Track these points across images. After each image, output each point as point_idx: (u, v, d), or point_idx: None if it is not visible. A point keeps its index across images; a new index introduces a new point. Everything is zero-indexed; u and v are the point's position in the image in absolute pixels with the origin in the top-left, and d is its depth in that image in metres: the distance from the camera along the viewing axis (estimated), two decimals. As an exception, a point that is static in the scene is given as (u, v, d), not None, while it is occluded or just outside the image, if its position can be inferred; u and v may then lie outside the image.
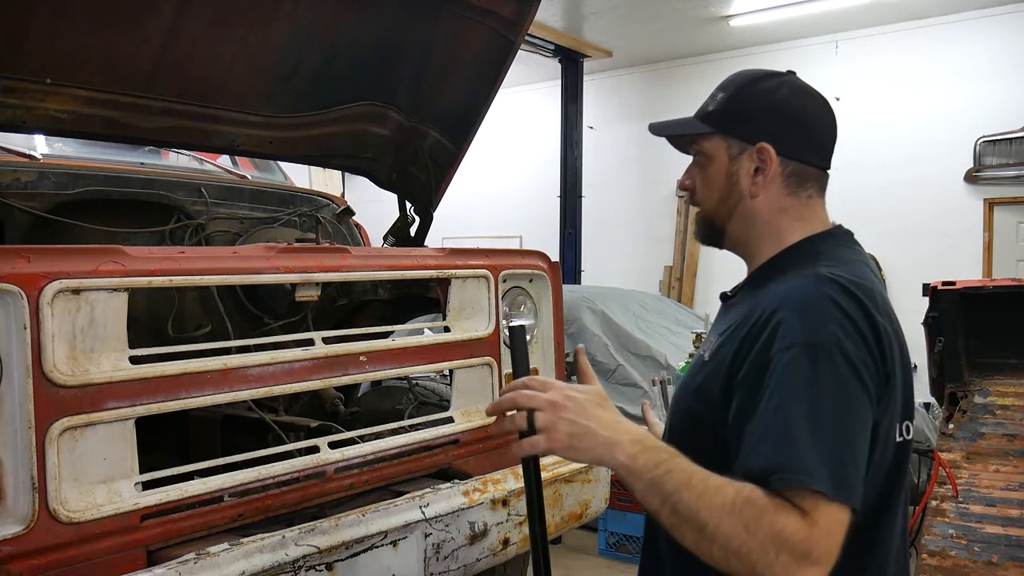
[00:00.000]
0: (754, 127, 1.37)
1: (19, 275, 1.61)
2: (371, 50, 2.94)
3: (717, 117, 1.40)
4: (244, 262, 2.07)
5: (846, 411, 1.13)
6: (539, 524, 1.68)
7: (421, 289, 2.79)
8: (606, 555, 4.92)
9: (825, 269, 1.25)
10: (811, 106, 1.39)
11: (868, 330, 1.18)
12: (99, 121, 2.57)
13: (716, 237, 1.46)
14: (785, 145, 1.35)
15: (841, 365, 1.14)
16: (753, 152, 1.36)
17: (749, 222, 1.39)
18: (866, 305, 1.20)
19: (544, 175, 10.85)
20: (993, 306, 4.16)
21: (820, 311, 1.17)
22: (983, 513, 3.48)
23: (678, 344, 5.66)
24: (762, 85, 1.39)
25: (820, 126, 1.40)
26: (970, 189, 8.68)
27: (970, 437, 4.09)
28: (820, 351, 1.14)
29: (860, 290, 1.22)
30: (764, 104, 1.38)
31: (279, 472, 2.07)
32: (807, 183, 1.38)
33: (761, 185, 1.36)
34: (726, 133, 1.39)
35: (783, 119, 1.37)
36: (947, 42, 8.77)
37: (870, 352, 1.17)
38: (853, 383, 1.14)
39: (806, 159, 1.37)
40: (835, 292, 1.19)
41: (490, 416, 1.36)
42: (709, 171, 1.42)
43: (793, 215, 1.38)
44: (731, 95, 1.40)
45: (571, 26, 9.32)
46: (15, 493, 1.61)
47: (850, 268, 1.27)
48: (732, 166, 1.38)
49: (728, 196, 1.40)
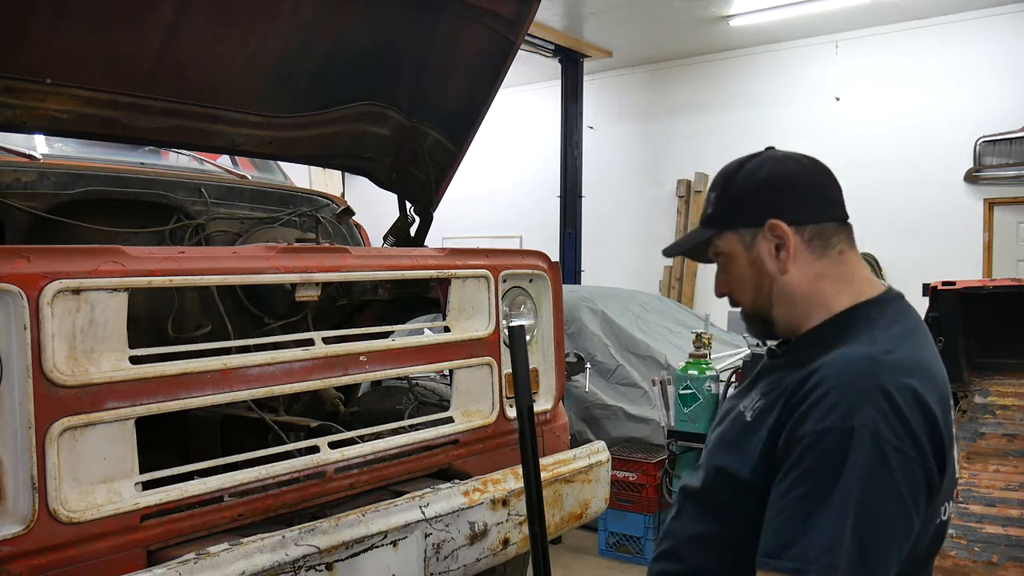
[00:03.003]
0: (755, 209, 1.35)
1: (19, 275, 1.61)
2: (371, 50, 2.94)
3: (718, 216, 1.40)
4: (244, 262, 2.07)
5: (878, 509, 1.11)
6: (539, 524, 1.68)
7: (421, 289, 2.79)
8: (606, 555, 4.91)
9: (879, 347, 1.21)
10: (798, 169, 1.38)
11: (920, 422, 1.14)
12: (99, 121, 2.57)
13: (769, 328, 1.42)
14: (792, 213, 1.34)
15: (874, 453, 1.10)
16: (766, 232, 1.34)
17: (791, 300, 1.36)
18: (919, 394, 1.16)
19: (544, 175, 10.85)
20: (993, 306, 4.16)
21: (863, 394, 1.14)
22: (983, 513, 3.48)
23: (678, 344, 5.66)
24: (745, 169, 1.39)
25: (816, 183, 1.38)
26: (970, 189, 8.68)
27: (970, 437, 4.09)
28: (856, 436, 1.11)
29: (913, 375, 1.18)
30: (754, 185, 1.37)
31: (279, 472, 2.07)
32: (832, 239, 1.35)
33: (787, 260, 1.34)
34: (733, 227, 1.38)
35: (778, 190, 1.35)
36: (947, 42, 8.77)
37: (916, 444, 1.13)
38: (891, 474, 1.11)
39: (819, 218, 1.35)
40: (886, 378, 1.16)
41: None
42: (734, 269, 1.40)
43: (833, 278, 1.34)
44: (721, 191, 1.41)
45: (571, 26, 9.33)
46: (15, 493, 1.61)
47: (906, 345, 1.24)
48: (752, 254, 1.37)
49: (761, 284, 1.37)
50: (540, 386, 2.86)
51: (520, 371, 1.64)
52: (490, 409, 2.61)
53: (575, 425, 5.06)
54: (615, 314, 5.80)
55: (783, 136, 9.76)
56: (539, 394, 2.85)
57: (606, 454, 2.80)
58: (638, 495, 4.81)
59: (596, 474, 2.71)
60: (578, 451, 2.72)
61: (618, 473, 4.70)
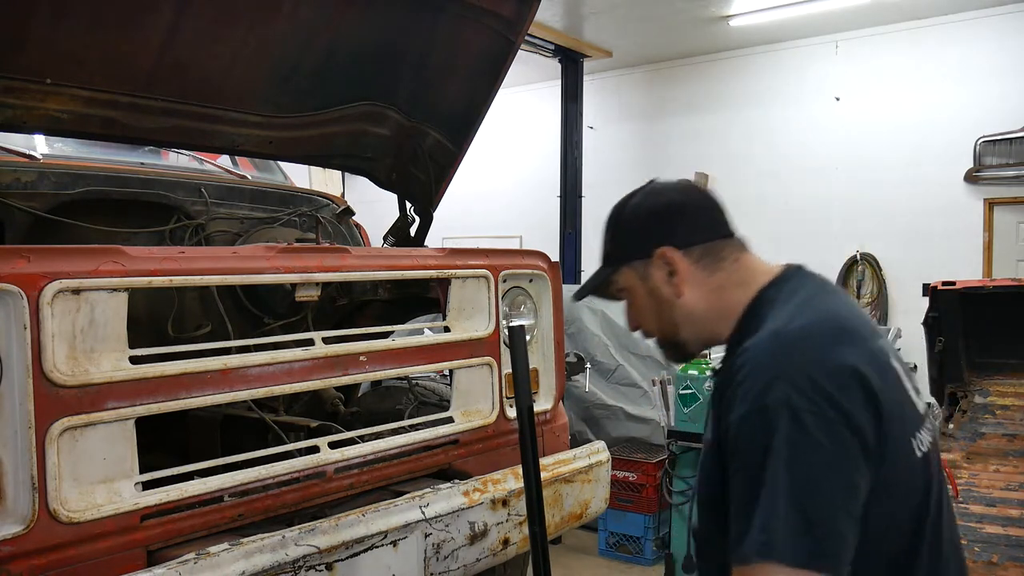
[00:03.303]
0: (643, 241, 1.43)
1: (19, 275, 1.61)
2: (371, 50, 2.94)
3: (613, 254, 1.49)
4: (244, 262, 2.07)
5: (807, 474, 1.12)
6: (539, 524, 1.68)
7: (421, 289, 2.79)
8: (606, 555, 4.92)
9: (780, 322, 1.25)
10: (676, 196, 1.45)
11: (832, 380, 1.16)
12: (99, 121, 2.57)
13: (682, 350, 1.50)
14: (678, 238, 1.40)
15: (793, 425, 1.13)
16: (656, 260, 1.41)
17: (694, 319, 1.42)
18: (827, 353, 1.19)
19: (544, 175, 10.84)
20: (993, 306, 4.17)
21: (772, 372, 1.17)
22: (983, 513, 3.48)
23: (678, 344, 5.65)
24: (630, 205, 1.47)
25: (697, 206, 1.44)
26: (970, 189, 8.67)
27: (970, 437, 4.09)
28: (771, 414, 1.14)
29: (817, 335, 1.21)
30: (639, 218, 1.45)
31: (279, 472, 2.07)
32: (722, 252, 1.41)
33: (680, 283, 1.40)
34: (627, 261, 1.46)
35: (661, 219, 1.43)
36: (947, 42, 8.76)
37: (832, 404, 1.14)
38: (812, 439, 1.13)
39: (704, 238, 1.41)
40: (791, 349, 1.19)
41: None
42: (637, 301, 1.47)
43: (732, 284, 1.40)
44: (611, 230, 1.49)
45: (571, 26, 9.32)
46: (15, 493, 1.61)
47: (807, 310, 1.28)
48: (648, 284, 1.43)
49: (662, 310, 1.44)
50: (540, 386, 2.86)
51: (520, 371, 1.64)
52: (490, 409, 2.61)
53: (575, 425, 5.06)
54: (615, 314, 5.80)
55: (783, 136, 9.77)
56: (539, 394, 2.85)
57: (606, 454, 2.80)
58: (638, 495, 4.82)
59: (596, 474, 2.71)
60: (578, 451, 2.72)
61: (618, 473, 4.70)
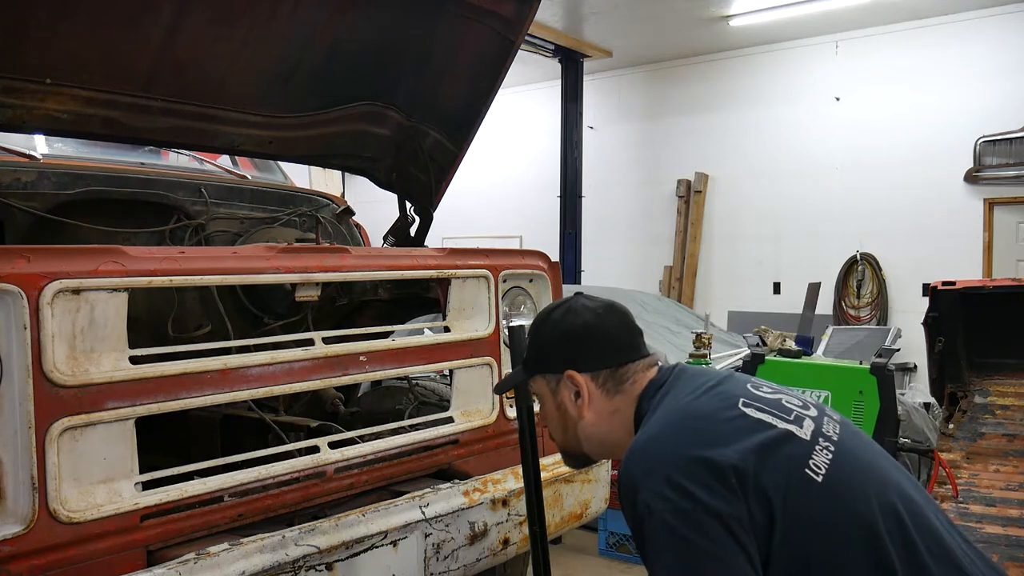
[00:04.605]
0: (556, 359, 1.51)
1: (19, 275, 1.61)
2: (371, 50, 2.94)
3: (530, 362, 1.57)
4: (244, 262, 2.07)
5: (685, 570, 1.19)
6: (539, 524, 1.69)
7: (421, 289, 2.79)
8: (606, 555, 4.91)
9: (642, 435, 1.34)
10: (592, 320, 1.51)
11: (684, 474, 1.22)
12: (99, 121, 2.57)
13: (585, 461, 1.59)
14: (585, 363, 1.49)
15: (660, 528, 1.21)
16: (565, 380, 1.50)
17: (595, 439, 1.51)
18: (676, 449, 1.26)
19: (544, 175, 10.85)
20: (993, 306, 4.17)
21: (634, 483, 1.26)
22: (983, 513, 3.48)
23: (678, 344, 5.66)
24: (550, 319, 1.54)
25: (607, 335, 1.51)
26: (970, 189, 8.68)
27: (970, 437, 4.09)
28: (641, 522, 1.24)
29: (666, 440, 1.29)
30: (555, 336, 1.52)
31: (279, 472, 2.07)
32: (625, 375, 1.48)
33: (583, 406, 1.49)
34: (541, 372, 1.54)
35: (574, 343, 1.50)
36: (947, 42, 8.77)
37: (688, 496, 1.20)
38: (679, 538, 1.19)
39: (611, 364, 1.48)
40: (646, 457, 1.28)
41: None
42: (546, 408, 1.56)
43: (626, 406, 1.48)
44: (533, 338, 1.57)
45: (571, 26, 9.33)
46: (15, 493, 1.61)
47: (659, 412, 1.36)
48: (557, 398, 1.52)
49: (566, 425, 1.53)
50: (540, 386, 2.85)
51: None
52: (490, 409, 2.61)
53: (575, 425, 5.04)
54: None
55: (783, 136, 9.78)
56: (539, 394, 2.85)
57: (606, 454, 2.80)
58: (638, 495, 4.81)
59: (596, 474, 2.71)
60: (578, 451, 2.72)
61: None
